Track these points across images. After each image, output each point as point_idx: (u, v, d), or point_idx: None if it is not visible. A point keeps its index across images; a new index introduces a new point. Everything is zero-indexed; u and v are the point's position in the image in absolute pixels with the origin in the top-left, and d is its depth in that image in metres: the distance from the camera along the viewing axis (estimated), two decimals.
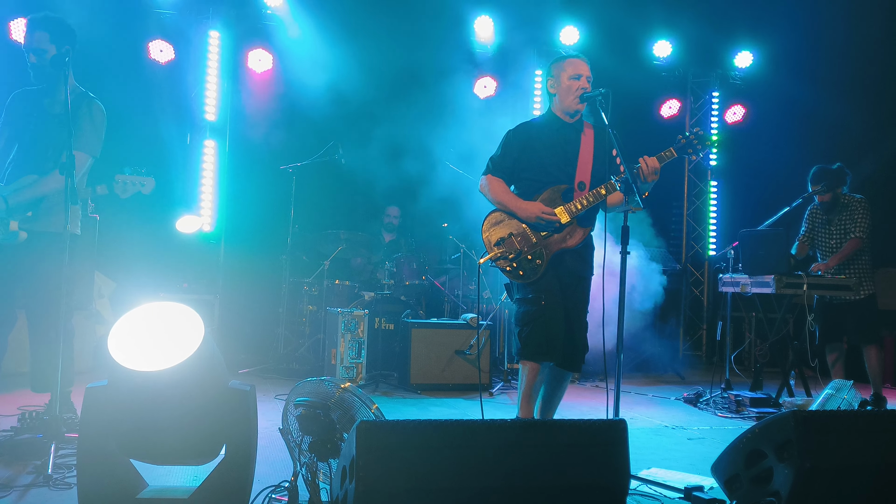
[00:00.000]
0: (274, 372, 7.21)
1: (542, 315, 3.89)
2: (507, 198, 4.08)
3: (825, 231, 6.32)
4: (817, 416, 2.78)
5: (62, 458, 3.56)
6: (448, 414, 5.60)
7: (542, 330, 3.89)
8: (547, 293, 3.92)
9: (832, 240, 6.26)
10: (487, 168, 4.20)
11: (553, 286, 3.94)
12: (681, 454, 4.53)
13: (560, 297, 3.95)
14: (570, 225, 3.97)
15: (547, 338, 3.89)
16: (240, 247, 8.41)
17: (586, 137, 4.11)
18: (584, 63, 4.09)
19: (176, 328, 2.73)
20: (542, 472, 2.40)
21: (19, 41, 7.50)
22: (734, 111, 10.22)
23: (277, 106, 8.60)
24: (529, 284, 3.96)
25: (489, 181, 4.15)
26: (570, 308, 3.99)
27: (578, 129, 4.13)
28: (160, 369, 2.56)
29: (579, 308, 4.04)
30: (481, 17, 8.95)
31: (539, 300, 3.91)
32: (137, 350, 2.64)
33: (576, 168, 4.05)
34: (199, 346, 2.63)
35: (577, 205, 3.95)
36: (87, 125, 4.07)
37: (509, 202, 4.06)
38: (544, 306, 3.90)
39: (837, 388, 4.96)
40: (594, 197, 3.95)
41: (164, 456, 2.87)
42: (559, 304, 3.93)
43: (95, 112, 4.13)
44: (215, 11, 8.44)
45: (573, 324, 3.98)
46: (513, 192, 4.13)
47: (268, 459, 3.83)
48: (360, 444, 2.25)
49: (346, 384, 3.00)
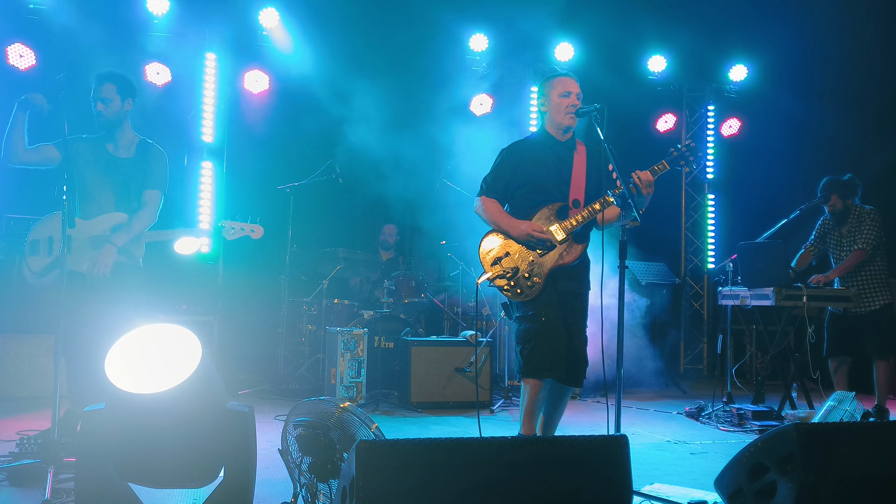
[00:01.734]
0: (274, 392, 7.18)
1: (544, 332, 3.89)
2: (500, 217, 4.12)
3: (838, 246, 6.28)
4: (820, 429, 2.76)
5: (61, 482, 3.53)
6: (449, 432, 5.58)
7: (544, 346, 3.88)
8: (547, 309, 3.92)
9: (842, 251, 6.23)
10: (481, 189, 4.24)
11: (553, 301, 3.94)
12: (683, 469, 4.50)
13: (560, 311, 3.95)
14: (566, 242, 3.98)
15: (549, 354, 3.88)
16: (238, 267, 8.40)
17: (579, 155, 4.15)
18: (573, 81, 4.14)
19: (173, 350, 2.72)
20: (544, 489, 2.38)
21: (16, 66, 7.54)
22: (730, 124, 10.25)
23: (274, 126, 8.61)
24: (529, 302, 3.96)
25: (483, 203, 4.19)
26: (570, 323, 3.99)
27: (571, 147, 4.17)
28: (158, 392, 2.55)
29: (578, 323, 4.05)
30: (476, 34, 8.99)
31: (539, 317, 3.91)
32: (135, 373, 2.63)
33: (570, 186, 4.07)
34: (196, 368, 2.61)
35: (573, 221, 3.97)
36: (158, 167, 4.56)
37: (502, 222, 4.10)
38: (545, 322, 3.90)
39: (840, 400, 4.94)
40: (589, 213, 3.96)
41: (162, 479, 2.85)
42: (560, 320, 3.92)
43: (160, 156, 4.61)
44: (211, 33, 8.47)
45: (573, 338, 3.97)
46: (506, 212, 4.15)
47: (267, 481, 3.80)
48: (360, 463, 2.23)
49: (345, 403, 2.99)
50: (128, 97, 4.52)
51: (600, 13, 8.64)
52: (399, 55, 8.61)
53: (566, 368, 3.93)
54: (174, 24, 8.20)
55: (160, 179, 4.57)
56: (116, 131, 4.47)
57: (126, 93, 4.50)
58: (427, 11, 8.21)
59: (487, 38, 9.02)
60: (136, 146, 4.55)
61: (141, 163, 4.48)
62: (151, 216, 4.50)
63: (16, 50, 7.56)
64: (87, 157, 4.46)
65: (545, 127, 4.21)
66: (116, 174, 4.45)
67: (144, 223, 4.48)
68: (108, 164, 4.46)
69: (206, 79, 8.45)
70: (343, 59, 8.33)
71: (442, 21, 8.46)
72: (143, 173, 4.47)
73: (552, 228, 3.96)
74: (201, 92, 8.44)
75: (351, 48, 8.43)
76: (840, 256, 6.25)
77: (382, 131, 8.21)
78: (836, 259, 6.31)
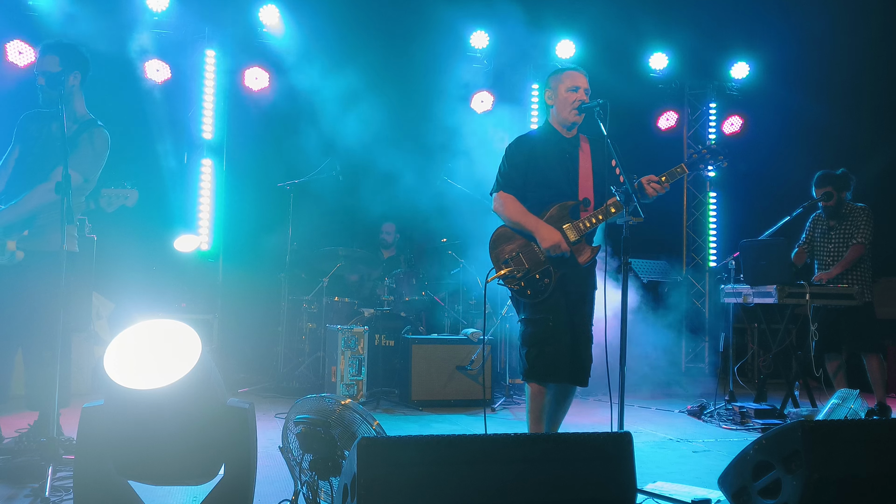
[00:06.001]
0: (274, 391, 7.16)
1: (550, 337, 3.85)
2: (526, 220, 3.95)
3: (825, 238, 6.31)
4: (825, 426, 2.75)
5: (60, 480, 3.51)
6: (450, 430, 5.56)
7: (549, 352, 3.84)
8: (554, 313, 3.87)
9: (830, 244, 6.26)
10: (498, 184, 4.09)
11: (560, 305, 3.89)
12: (686, 467, 4.48)
13: (567, 315, 3.90)
14: (578, 243, 3.93)
15: (553, 360, 3.84)
16: (238, 265, 8.38)
17: (584, 152, 4.10)
18: (581, 75, 4.07)
19: (172, 345, 2.69)
20: (547, 486, 2.36)
21: (16, 63, 7.52)
22: (731, 122, 10.23)
23: (274, 123, 8.59)
24: (537, 304, 3.92)
25: (504, 199, 4.03)
26: (577, 323, 3.95)
27: (576, 142, 4.11)
28: (157, 387, 2.52)
29: (585, 322, 4.00)
30: (477, 31, 8.97)
31: (547, 321, 3.87)
32: (134, 368, 2.61)
33: (578, 183, 4.02)
34: (196, 363, 2.59)
35: (586, 223, 3.91)
36: (87, 148, 4.14)
37: (528, 224, 3.92)
38: (552, 328, 3.85)
39: (844, 398, 4.91)
40: (604, 215, 3.91)
41: (162, 476, 2.82)
42: (566, 324, 3.88)
43: (97, 137, 4.19)
44: (212, 31, 8.45)
45: (579, 338, 3.93)
46: (531, 213, 3.98)
47: (268, 478, 3.78)
48: (361, 461, 2.21)
49: (346, 400, 2.96)
50: (74, 70, 4.12)
51: (602, 10, 8.62)
52: (400, 52, 8.59)
53: (572, 369, 3.90)
54: (174, 21, 8.19)
55: (82, 160, 4.08)
56: (62, 108, 3.90)
57: (71, 65, 4.10)
58: (428, 9, 8.19)
59: (488, 35, 9.00)
60: (78, 126, 4.12)
61: (73, 143, 4.01)
62: (48, 193, 3.86)
63: (15, 47, 7.55)
64: (32, 131, 4.16)
65: (550, 121, 4.14)
66: (50, 157, 4.04)
67: (36, 200, 3.95)
68: (47, 143, 4.10)
69: (206, 76, 8.43)
70: (343, 56, 8.30)
71: (443, 18, 8.44)
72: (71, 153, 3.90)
73: (564, 227, 3.91)
74: (201, 89, 8.43)
75: (351, 45, 8.40)
76: (826, 251, 6.29)
77: (383, 128, 8.20)
78: (821, 255, 6.34)
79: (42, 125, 4.21)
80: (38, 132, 4.19)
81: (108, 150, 4.26)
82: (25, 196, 3.98)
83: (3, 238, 3.94)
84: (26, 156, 4.18)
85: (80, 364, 6.35)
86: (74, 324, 4.90)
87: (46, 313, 3.88)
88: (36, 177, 4.05)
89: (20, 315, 4.08)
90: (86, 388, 6.40)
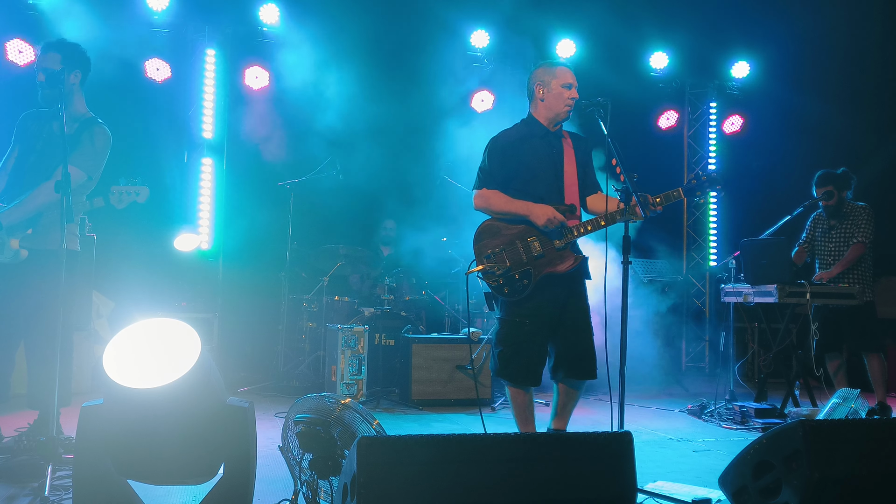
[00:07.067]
0: (274, 390, 7.15)
1: (524, 340, 3.87)
2: (515, 205, 3.95)
3: (825, 238, 6.31)
4: (826, 426, 2.74)
5: (60, 479, 3.50)
6: (450, 429, 5.55)
7: (522, 355, 3.87)
8: (532, 318, 3.87)
9: (831, 244, 6.25)
10: (479, 181, 4.10)
11: (542, 308, 3.88)
12: (687, 466, 4.47)
13: (547, 319, 3.89)
14: (563, 250, 3.92)
15: (527, 362, 3.87)
16: (238, 264, 8.38)
17: (568, 149, 4.10)
18: (573, 74, 4.10)
19: (172, 344, 2.68)
20: (548, 486, 2.35)
21: (15, 62, 7.51)
22: (732, 121, 10.22)
23: (275, 122, 8.57)
24: (513, 304, 3.91)
25: (487, 194, 4.05)
26: (571, 319, 3.93)
27: (560, 136, 4.11)
28: (156, 386, 2.52)
29: (580, 316, 3.98)
30: (477, 31, 8.96)
31: (522, 324, 3.87)
32: (133, 367, 2.60)
33: (563, 181, 4.00)
34: (196, 362, 2.58)
35: (574, 231, 3.90)
36: (88, 145, 4.14)
37: (518, 209, 3.93)
38: (527, 331, 3.86)
39: (844, 398, 4.91)
40: (593, 226, 3.89)
41: (161, 475, 2.82)
42: (544, 327, 3.88)
43: (98, 134, 4.20)
44: (212, 29, 8.45)
45: (578, 333, 3.92)
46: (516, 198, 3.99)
47: (267, 478, 3.78)
48: (361, 460, 2.20)
49: (346, 400, 2.96)
50: (74, 68, 4.13)
51: (602, 10, 8.62)
52: (400, 51, 8.59)
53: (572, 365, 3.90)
54: (174, 20, 8.19)
55: (84, 157, 4.09)
56: (62, 107, 3.88)
57: (72, 63, 4.11)
58: (428, 7, 8.19)
59: (489, 34, 9.00)
60: (79, 124, 4.13)
61: (74, 141, 4.03)
62: (45, 195, 3.93)
63: (15, 45, 7.54)
64: (33, 130, 4.17)
65: (534, 115, 4.11)
66: (52, 155, 4.04)
67: (41, 198, 3.96)
68: (49, 142, 4.10)
69: (206, 75, 8.43)
70: (343, 54, 8.29)
71: (443, 17, 8.44)
72: (72, 151, 3.96)
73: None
74: (201, 88, 8.43)
75: (351, 44, 8.39)
76: (826, 250, 6.28)
77: (383, 127, 8.19)
78: (821, 254, 6.33)
79: (42, 124, 4.22)
80: (38, 131, 4.20)
81: (109, 147, 4.28)
82: (30, 195, 3.99)
83: (6, 236, 3.94)
84: (27, 155, 4.19)
85: (81, 363, 6.34)
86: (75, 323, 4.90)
87: (49, 311, 3.89)
88: (38, 176, 4.05)
89: (23, 313, 4.09)
90: (86, 387, 6.39)
